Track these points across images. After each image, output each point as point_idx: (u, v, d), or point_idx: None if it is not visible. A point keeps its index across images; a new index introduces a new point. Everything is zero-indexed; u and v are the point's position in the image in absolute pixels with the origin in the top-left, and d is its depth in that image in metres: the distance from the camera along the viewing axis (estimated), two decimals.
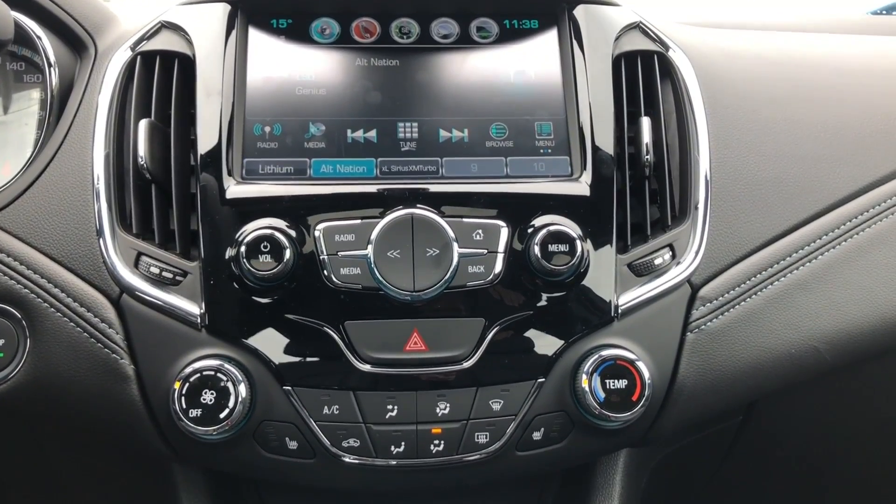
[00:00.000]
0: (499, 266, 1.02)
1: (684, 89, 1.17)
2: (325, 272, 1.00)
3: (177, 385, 0.98)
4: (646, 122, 1.12)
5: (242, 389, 0.99)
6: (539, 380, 1.04)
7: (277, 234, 0.98)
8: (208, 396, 0.98)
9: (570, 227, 1.02)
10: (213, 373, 0.98)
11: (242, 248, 0.97)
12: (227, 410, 0.98)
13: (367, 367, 1.01)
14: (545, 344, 1.04)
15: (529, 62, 1.13)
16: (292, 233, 0.99)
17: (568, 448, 1.08)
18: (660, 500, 1.56)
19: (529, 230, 1.02)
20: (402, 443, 1.03)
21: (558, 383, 1.04)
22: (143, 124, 1.05)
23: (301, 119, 1.07)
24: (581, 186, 1.06)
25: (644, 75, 1.17)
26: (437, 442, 1.03)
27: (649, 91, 1.17)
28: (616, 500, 1.26)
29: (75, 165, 1.07)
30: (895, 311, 1.18)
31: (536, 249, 1.01)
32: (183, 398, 0.98)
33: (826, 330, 1.15)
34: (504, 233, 1.02)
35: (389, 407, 1.02)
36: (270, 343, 1.01)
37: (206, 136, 1.05)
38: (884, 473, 1.74)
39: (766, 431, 1.46)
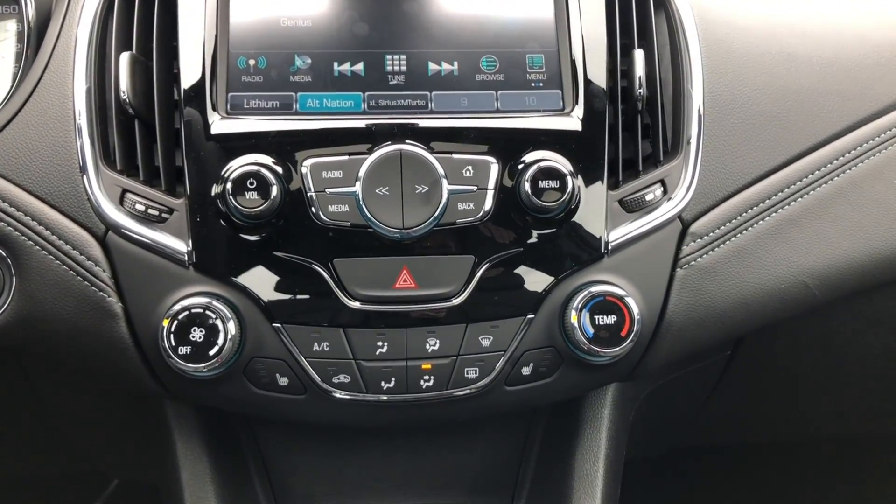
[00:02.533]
0: (489, 203, 1.01)
1: (678, 21, 1.15)
2: (313, 209, 0.99)
3: (165, 322, 0.98)
4: (639, 55, 1.10)
5: (232, 327, 0.99)
6: (528, 316, 1.04)
7: (264, 171, 0.96)
8: (197, 334, 0.98)
9: (561, 163, 1.01)
10: (201, 310, 0.98)
11: (228, 185, 0.96)
12: (216, 348, 0.98)
13: (356, 305, 1.01)
14: (535, 280, 1.04)
15: None
16: (279, 169, 0.98)
17: (557, 383, 1.09)
18: (648, 434, 1.58)
19: (520, 166, 1.01)
20: (393, 378, 1.04)
21: (547, 319, 1.05)
22: (125, 58, 1.03)
23: (286, 52, 1.04)
24: (573, 121, 1.04)
25: (637, 6, 1.14)
26: (427, 377, 1.04)
27: (642, 23, 1.15)
28: (604, 434, 1.28)
29: (56, 100, 1.05)
30: (885, 247, 1.18)
31: (527, 186, 1.00)
32: (172, 336, 0.98)
33: (816, 265, 1.15)
34: (494, 169, 1.01)
35: (379, 343, 1.03)
36: (259, 281, 1.01)
37: (189, 70, 1.02)
38: (867, 404, 1.77)
39: (755, 365, 1.48)
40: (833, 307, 1.22)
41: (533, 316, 1.04)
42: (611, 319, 1.03)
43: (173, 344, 0.98)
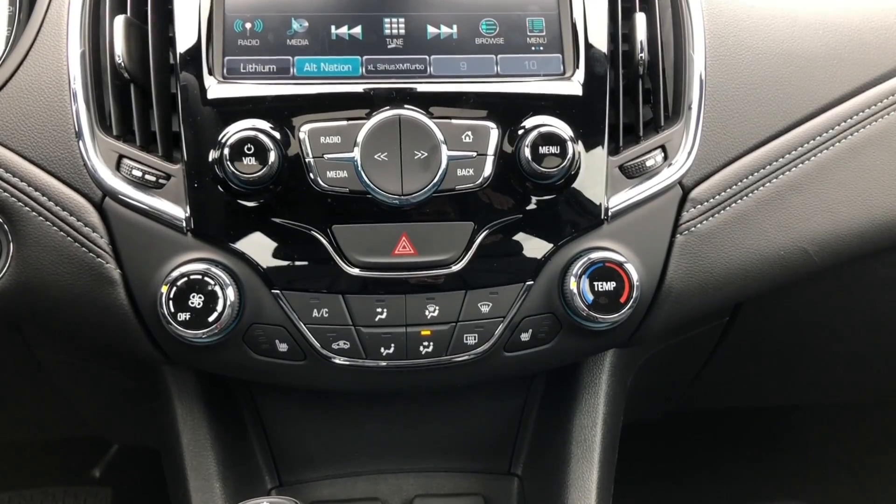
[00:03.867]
0: (488, 169, 1.00)
1: None
2: (311, 175, 0.98)
3: (164, 289, 0.98)
4: (640, 19, 1.08)
5: (230, 293, 0.99)
6: (528, 282, 1.04)
7: (261, 136, 0.95)
8: (196, 300, 0.98)
9: (562, 129, 1.00)
10: (200, 276, 0.98)
11: (226, 151, 0.95)
12: (215, 314, 0.98)
13: (355, 271, 1.01)
14: (534, 247, 1.04)
15: None
16: (276, 134, 0.97)
17: (555, 349, 1.09)
18: (645, 399, 1.60)
19: (520, 132, 1.00)
20: (392, 345, 1.04)
21: (547, 286, 1.05)
22: (119, 21, 1.01)
23: (283, 14, 1.03)
24: (573, 86, 1.03)
25: None
26: (426, 343, 1.05)
27: None
28: (602, 399, 1.29)
29: (50, 64, 1.03)
30: (885, 213, 1.18)
31: (527, 151, 0.99)
32: (171, 302, 0.98)
33: (816, 231, 1.15)
34: (494, 134, 1.00)
35: (379, 310, 1.03)
36: (257, 247, 1.01)
37: (185, 34, 1.01)
38: (863, 370, 1.78)
39: (752, 332, 1.49)
40: (831, 273, 1.22)
41: (532, 282, 1.04)
42: (610, 286, 1.03)
43: (172, 310, 0.98)
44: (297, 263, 1.01)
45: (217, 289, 0.98)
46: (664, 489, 2.26)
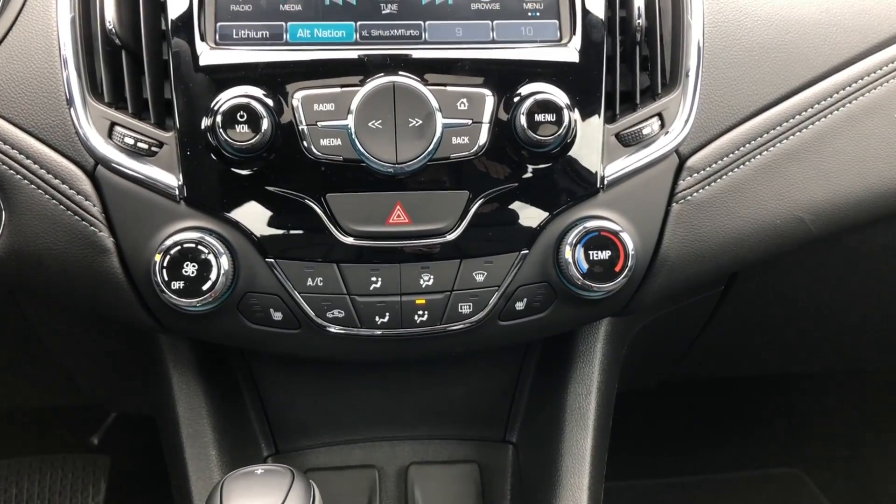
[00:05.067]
0: (484, 137, 1.00)
1: None
2: (305, 143, 0.97)
3: (157, 257, 0.98)
4: None
5: (224, 262, 0.98)
6: (523, 251, 1.04)
7: (254, 103, 0.94)
8: (190, 269, 0.98)
9: (558, 96, 0.99)
10: (193, 245, 0.98)
11: (218, 118, 0.94)
12: (209, 283, 0.98)
13: (350, 240, 1.00)
14: (529, 216, 1.03)
15: None
16: (269, 102, 0.96)
17: (550, 317, 1.09)
18: (640, 368, 1.60)
19: (515, 99, 0.99)
20: (387, 313, 1.04)
21: (542, 255, 1.05)
22: None
23: None
24: (570, 52, 1.02)
25: None
26: (421, 312, 1.05)
27: None
28: (596, 367, 1.29)
29: (40, 30, 1.02)
30: (882, 182, 1.17)
31: (522, 119, 0.98)
32: (164, 270, 0.98)
33: (813, 200, 1.14)
34: (489, 102, 0.99)
35: (373, 279, 1.03)
36: (251, 215, 1.00)
37: None
38: (858, 340, 1.79)
39: (748, 301, 1.49)
40: (827, 242, 1.22)
41: (527, 251, 1.04)
42: (605, 255, 1.03)
43: (166, 279, 0.98)
44: (291, 232, 1.01)
45: (211, 257, 0.98)
46: (658, 457, 2.28)
